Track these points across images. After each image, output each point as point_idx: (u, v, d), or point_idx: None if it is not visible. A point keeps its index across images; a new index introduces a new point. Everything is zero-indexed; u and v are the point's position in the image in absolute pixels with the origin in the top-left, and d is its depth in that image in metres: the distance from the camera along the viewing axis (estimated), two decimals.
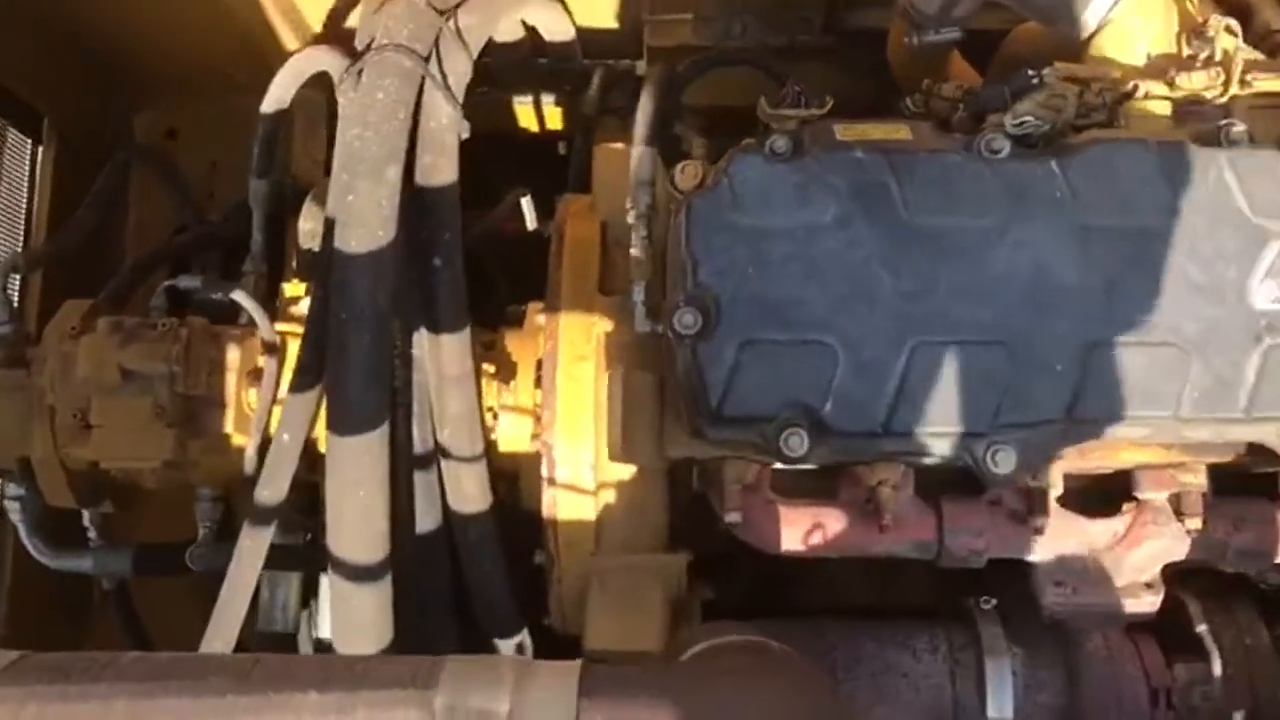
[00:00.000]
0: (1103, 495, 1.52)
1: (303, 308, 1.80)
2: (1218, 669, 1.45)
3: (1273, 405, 1.28)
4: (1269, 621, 1.51)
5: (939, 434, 1.29)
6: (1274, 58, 1.62)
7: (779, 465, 1.49)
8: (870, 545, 1.50)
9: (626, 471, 1.64)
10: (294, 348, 1.70)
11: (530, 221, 2.02)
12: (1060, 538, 1.49)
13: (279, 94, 1.94)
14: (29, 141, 2.36)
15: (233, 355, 1.84)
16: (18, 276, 2.20)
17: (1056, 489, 1.48)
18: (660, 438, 1.45)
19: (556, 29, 2.08)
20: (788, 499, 1.52)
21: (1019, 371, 1.28)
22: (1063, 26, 1.55)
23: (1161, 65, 1.49)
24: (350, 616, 1.49)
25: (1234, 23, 1.46)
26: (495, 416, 1.80)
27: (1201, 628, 1.47)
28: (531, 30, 2.03)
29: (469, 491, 1.70)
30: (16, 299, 2.18)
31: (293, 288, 1.91)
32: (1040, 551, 1.49)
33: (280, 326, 1.83)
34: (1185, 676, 1.47)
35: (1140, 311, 1.28)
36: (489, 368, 1.80)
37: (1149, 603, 1.48)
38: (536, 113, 2.44)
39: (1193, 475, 1.44)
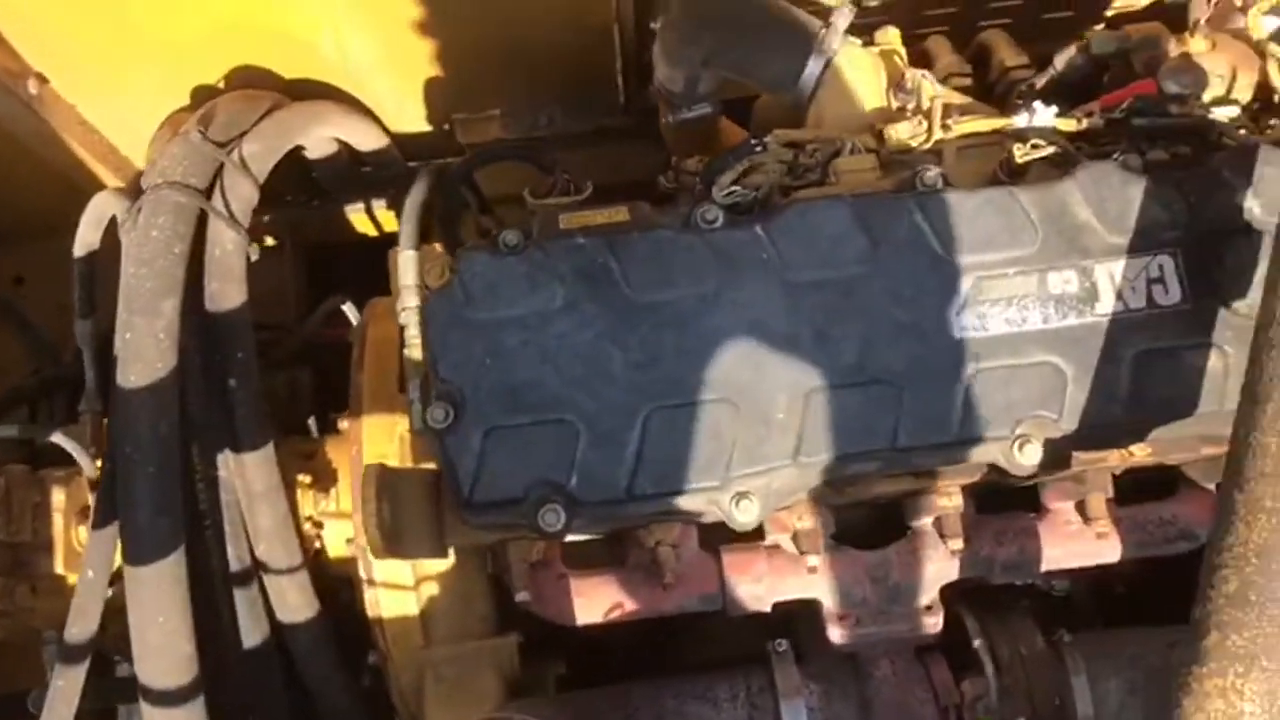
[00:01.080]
0: (882, 526, 1.60)
1: None
2: (994, 681, 1.51)
3: (983, 426, 1.36)
4: (1048, 627, 1.58)
5: (680, 492, 1.36)
6: (1010, 95, 1.74)
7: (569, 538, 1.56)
8: (660, 605, 1.56)
9: (445, 564, 1.70)
10: None
11: (354, 323, 2.09)
12: (837, 573, 1.56)
13: (84, 237, 2.01)
14: None
15: (58, 496, 1.88)
16: None
17: (828, 527, 1.56)
18: (438, 529, 1.50)
19: (365, 138, 2.17)
20: (578, 571, 1.58)
21: (745, 424, 1.36)
22: (783, 93, 1.66)
23: (872, 120, 1.60)
24: None
25: (928, 73, 1.58)
26: (319, 525, 1.86)
27: (978, 642, 1.54)
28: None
29: (293, 602, 1.75)
30: None
31: None
32: (820, 589, 1.56)
33: None
34: (971, 692, 1.53)
35: (849, 356, 1.37)
36: (306, 478, 1.86)
37: (930, 624, 1.55)
38: (370, 218, 2.53)
39: (948, 498, 1.52)
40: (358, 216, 2.53)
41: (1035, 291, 1.38)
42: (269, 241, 2.53)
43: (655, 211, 1.47)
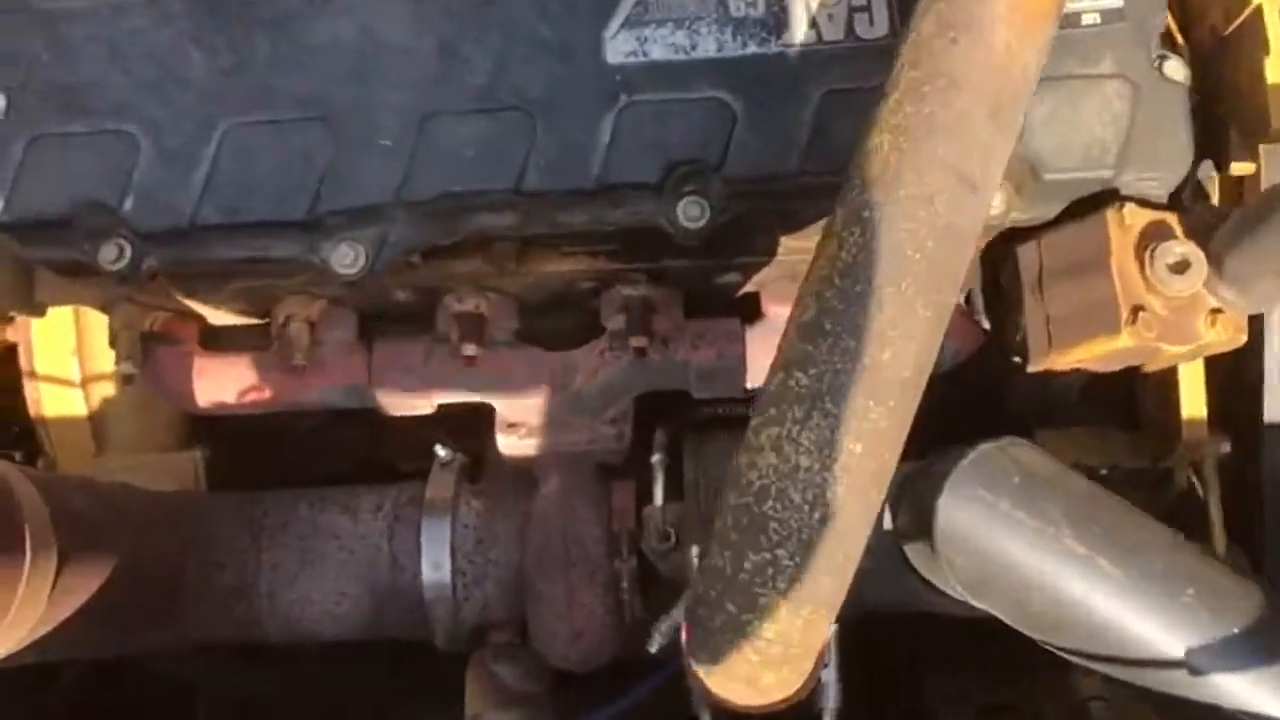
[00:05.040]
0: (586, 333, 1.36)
1: None
2: (662, 500, 1.27)
3: (630, 169, 1.11)
4: None
5: (256, 225, 1.12)
6: None
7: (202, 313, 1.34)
8: (296, 394, 1.34)
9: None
10: None
11: None
12: (511, 374, 1.32)
13: None
14: None
15: None
16: None
17: (506, 321, 1.32)
18: (24, 280, 1.28)
19: None
20: (208, 351, 1.36)
21: (342, 150, 1.12)
22: None
23: None
24: None
25: None
26: None
27: (656, 457, 1.29)
28: None
29: None
30: None
31: None
32: (490, 391, 1.32)
33: None
34: (650, 519, 1.29)
35: (479, 76, 1.12)
36: None
37: (613, 437, 1.31)
38: None
39: (632, 287, 1.28)
40: None
41: (712, 13, 1.12)
42: None
43: None
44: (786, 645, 0.85)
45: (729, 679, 0.89)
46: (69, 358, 1.52)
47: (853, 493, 0.80)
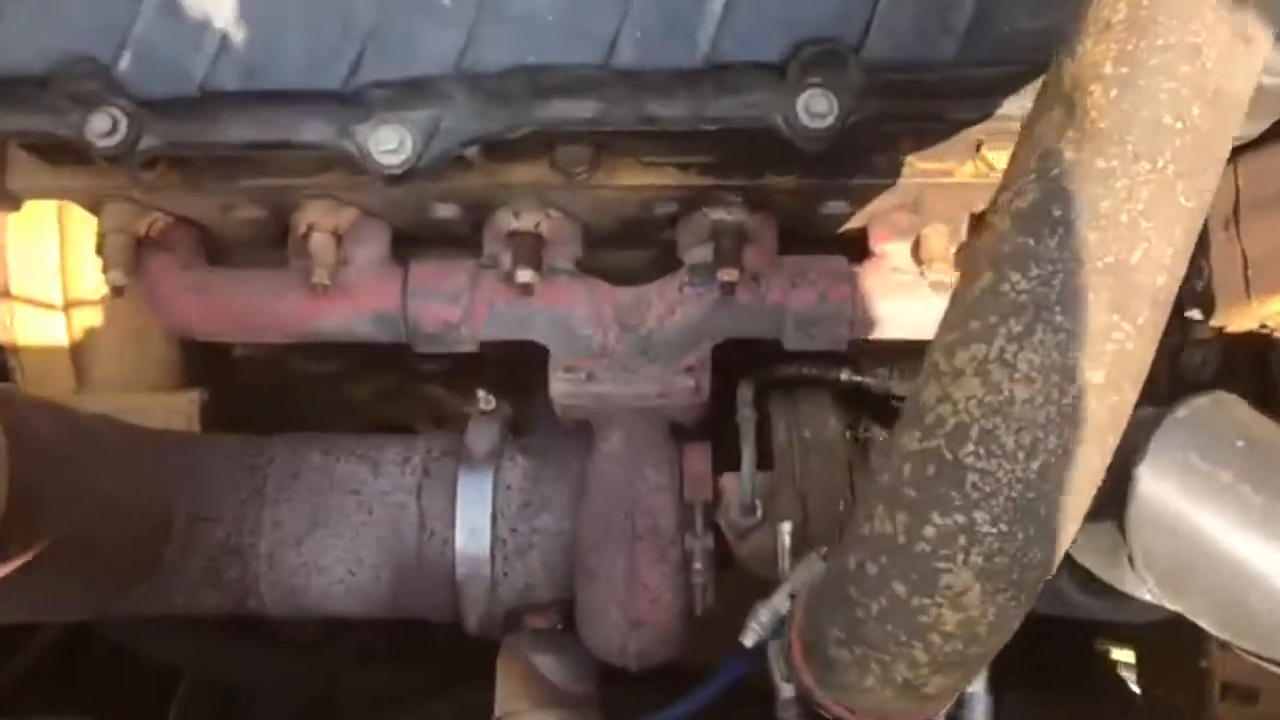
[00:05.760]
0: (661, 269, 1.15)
1: None
2: (750, 467, 1.06)
3: (742, 46, 0.90)
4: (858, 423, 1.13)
5: (280, 95, 0.91)
6: None
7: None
8: (317, 320, 1.13)
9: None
10: None
11: None
12: (569, 307, 1.11)
13: None
14: None
15: None
16: None
17: (568, 245, 1.11)
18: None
19: None
20: (213, 264, 1.15)
21: (390, 9, 0.91)
22: None
23: None
24: None
25: None
26: None
27: (744, 413, 1.08)
28: None
29: None
30: None
31: None
32: (544, 327, 1.11)
33: None
34: (730, 489, 1.08)
35: None
36: None
37: (688, 389, 1.10)
38: None
39: (723, 210, 1.07)
40: None
41: None
42: None
43: None
44: (969, 640, 0.64)
45: (880, 684, 0.68)
46: (51, 277, 1.31)
47: (1087, 436, 0.59)
